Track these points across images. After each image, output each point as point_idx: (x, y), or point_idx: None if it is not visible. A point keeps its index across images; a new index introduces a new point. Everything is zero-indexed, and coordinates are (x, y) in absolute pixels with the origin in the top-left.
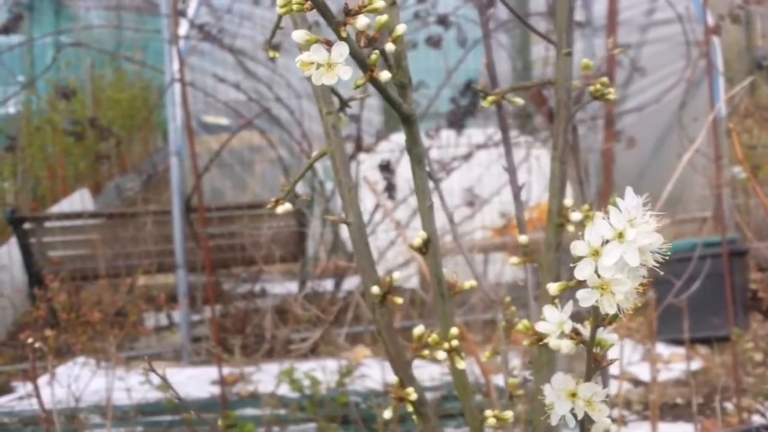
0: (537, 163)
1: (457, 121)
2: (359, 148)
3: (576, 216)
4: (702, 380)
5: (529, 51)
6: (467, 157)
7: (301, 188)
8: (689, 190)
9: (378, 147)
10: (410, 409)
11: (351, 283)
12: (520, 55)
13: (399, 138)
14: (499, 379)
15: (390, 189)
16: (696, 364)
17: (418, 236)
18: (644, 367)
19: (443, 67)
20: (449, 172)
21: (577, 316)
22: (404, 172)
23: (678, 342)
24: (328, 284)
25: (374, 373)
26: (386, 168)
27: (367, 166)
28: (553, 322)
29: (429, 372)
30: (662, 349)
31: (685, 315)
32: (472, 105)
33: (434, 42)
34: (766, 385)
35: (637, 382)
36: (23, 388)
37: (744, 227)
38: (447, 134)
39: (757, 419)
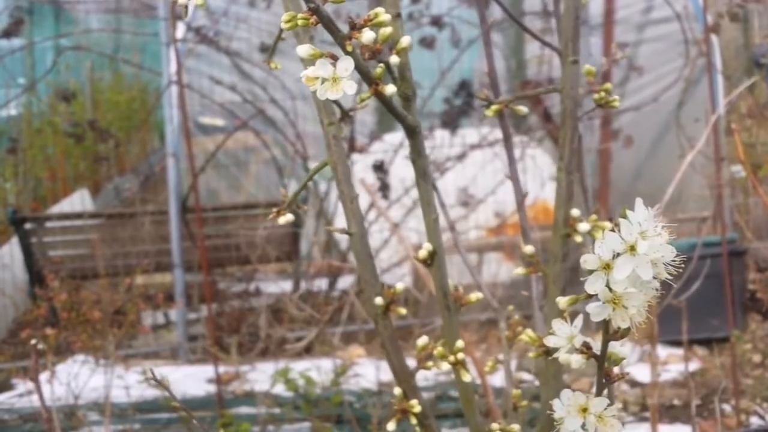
0: (532, 162)
1: (451, 121)
2: (353, 148)
3: (584, 227)
4: (699, 381)
5: (524, 50)
6: (461, 157)
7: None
8: (688, 189)
9: (371, 147)
10: (414, 421)
11: (345, 282)
12: (515, 54)
13: (392, 138)
14: (494, 379)
15: (384, 189)
16: (693, 365)
17: (424, 248)
18: (641, 367)
19: (437, 68)
20: (443, 172)
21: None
22: (398, 171)
23: (675, 343)
24: (322, 283)
25: (368, 372)
26: (380, 168)
27: (361, 167)
28: (563, 335)
29: (423, 372)
30: (659, 349)
31: (683, 316)
32: (466, 105)
33: (428, 42)
34: (765, 386)
35: (633, 383)
36: (23, 385)
37: (743, 227)
38: (441, 134)
39: (755, 421)
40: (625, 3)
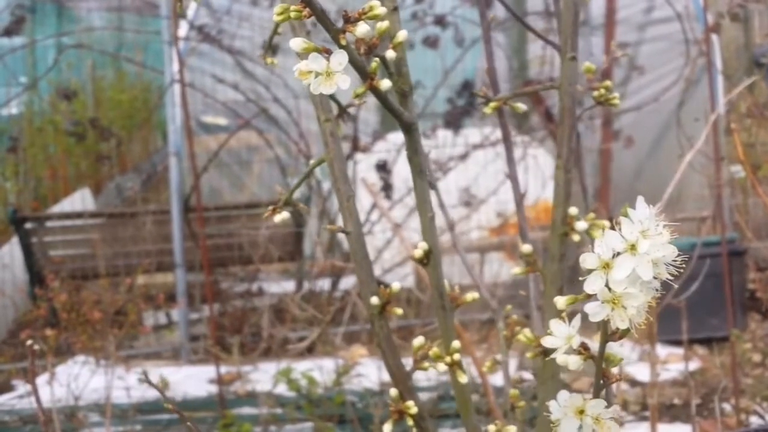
0: (534, 162)
1: (454, 121)
2: (356, 148)
3: (581, 225)
4: (699, 381)
5: (526, 50)
6: (464, 156)
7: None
8: (687, 189)
9: (375, 147)
10: (410, 423)
11: (348, 282)
12: (517, 55)
13: (395, 137)
14: (495, 379)
15: (387, 189)
16: (693, 365)
17: (419, 247)
18: (641, 367)
19: (440, 67)
20: (446, 172)
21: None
22: (401, 171)
23: (674, 342)
24: (325, 284)
25: (370, 372)
26: (383, 168)
27: (364, 166)
28: (561, 336)
29: (425, 371)
30: (659, 349)
31: (683, 315)
32: (469, 105)
33: (431, 42)
34: (765, 385)
35: (633, 383)
36: (23, 386)
37: (743, 226)
38: (444, 134)
39: (755, 420)
40: (627, 3)
